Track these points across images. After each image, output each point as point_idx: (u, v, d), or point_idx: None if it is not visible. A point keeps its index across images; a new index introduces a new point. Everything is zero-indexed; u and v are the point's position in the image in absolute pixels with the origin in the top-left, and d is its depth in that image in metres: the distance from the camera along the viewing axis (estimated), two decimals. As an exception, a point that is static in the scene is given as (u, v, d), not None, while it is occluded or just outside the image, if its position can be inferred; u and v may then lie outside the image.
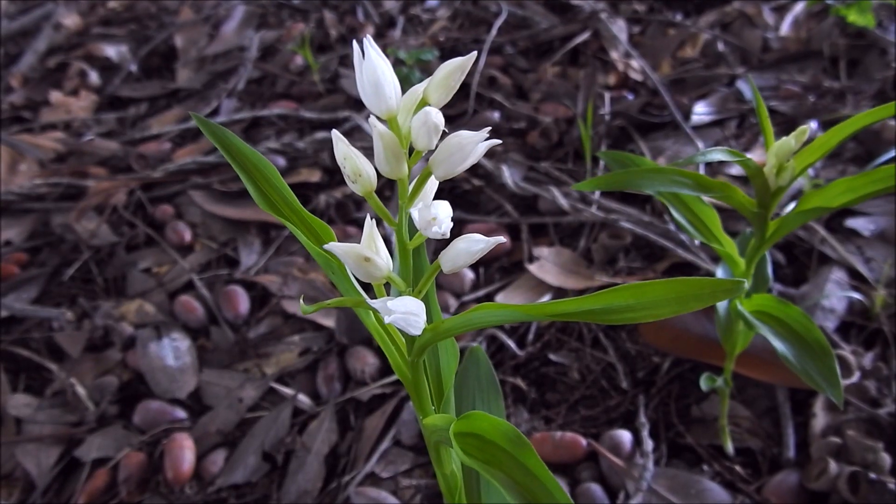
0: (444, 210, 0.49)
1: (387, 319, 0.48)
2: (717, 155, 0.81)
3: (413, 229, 0.52)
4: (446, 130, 0.48)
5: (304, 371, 1.43)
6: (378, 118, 0.48)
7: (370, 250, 0.50)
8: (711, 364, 1.31)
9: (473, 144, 0.48)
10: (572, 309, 0.47)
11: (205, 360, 1.48)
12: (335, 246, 0.49)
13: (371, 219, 0.53)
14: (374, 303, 0.50)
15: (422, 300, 0.55)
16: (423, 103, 0.49)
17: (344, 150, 0.49)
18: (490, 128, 0.48)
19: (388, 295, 0.56)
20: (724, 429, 1.18)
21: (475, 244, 0.50)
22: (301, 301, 0.50)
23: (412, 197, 0.51)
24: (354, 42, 0.47)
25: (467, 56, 0.48)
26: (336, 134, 0.49)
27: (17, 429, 1.39)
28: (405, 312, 0.48)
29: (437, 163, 0.49)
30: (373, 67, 0.46)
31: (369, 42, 0.46)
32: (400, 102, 0.49)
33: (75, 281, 1.69)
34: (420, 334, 0.51)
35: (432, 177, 0.51)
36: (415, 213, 0.49)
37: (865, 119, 0.85)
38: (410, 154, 0.51)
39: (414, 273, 0.64)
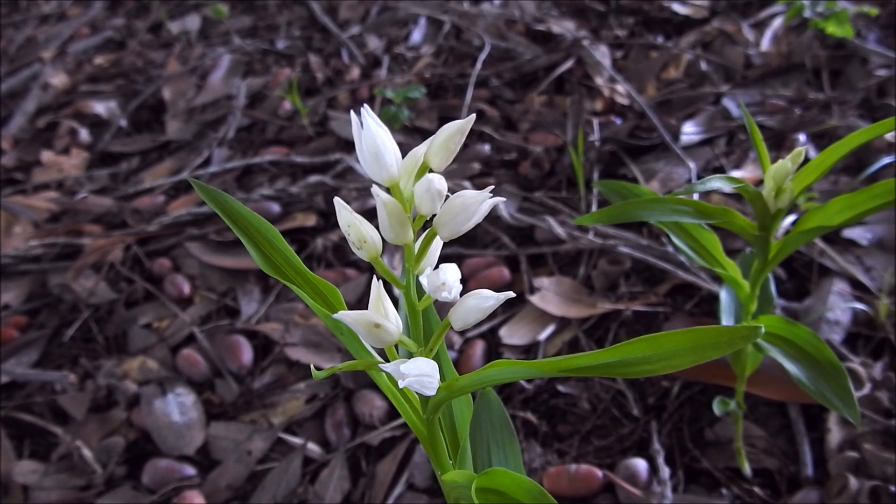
0: (452, 274, 0.49)
1: (401, 384, 0.47)
2: (716, 183, 0.81)
3: (420, 290, 0.51)
4: (449, 194, 0.48)
5: (311, 419, 1.42)
6: (380, 186, 0.48)
7: (379, 315, 0.50)
8: (721, 385, 1.30)
9: (477, 204, 0.48)
10: (588, 363, 0.47)
11: (211, 414, 1.47)
12: (345, 315, 0.49)
13: (378, 281, 0.53)
14: (387, 367, 0.49)
15: (433, 358, 0.54)
16: (425, 167, 0.49)
17: (348, 217, 0.49)
18: (492, 185, 0.48)
19: (398, 352, 0.56)
20: (739, 451, 1.17)
21: (485, 301, 0.50)
22: (312, 367, 0.49)
23: (418, 259, 0.51)
24: (352, 112, 0.47)
25: (466, 119, 0.48)
26: (339, 202, 0.49)
27: (24, 497, 1.37)
28: (419, 375, 0.48)
29: (442, 224, 0.49)
30: (372, 137, 0.46)
31: (367, 112, 0.47)
32: (401, 168, 0.49)
33: (76, 341, 1.68)
34: (434, 394, 0.50)
35: (437, 237, 0.51)
36: (423, 279, 0.48)
37: (861, 137, 0.86)
38: (414, 217, 0.50)
39: (423, 329, 0.64)
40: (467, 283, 1.57)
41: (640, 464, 1.20)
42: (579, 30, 2.29)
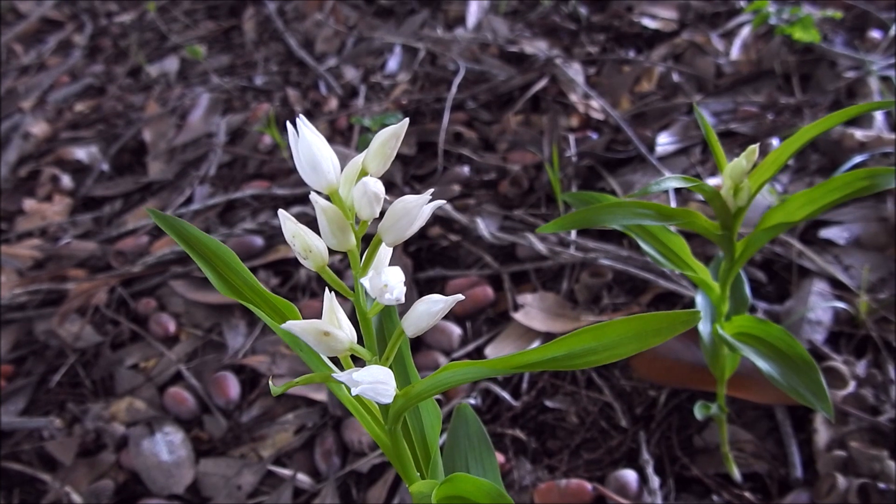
0: (394, 276, 0.49)
1: (354, 391, 0.47)
2: (672, 183, 0.82)
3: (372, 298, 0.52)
4: (388, 199, 0.48)
5: (301, 449, 1.41)
6: (319, 193, 0.49)
7: (331, 324, 0.50)
8: (708, 391, 1.30)
9: (418, 207, 0.48)
10: (535, 359, 0.47)
11: (200, 451, 1.46)
12: (293, 324, 0.49)
13: (330, 292, 0.53)
14: (340, 376, 0.49)
15: (395, 365, 0.54)
16: (363, 174, 0.50)
17: (292, 227, 0.49)
18: (433, 189, 0.49)
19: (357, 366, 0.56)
20: (727, 456, 1.16)
21: (434, 305, 0.51)
22: (270, 382, 0.49)
23: (365, 266, 0.51)
24: (288, 123, 0.48)
25: (399, 123, 0.49)
26: (283, 213, 0.50)
27: (14, 546, 1.36)
28: (372, 382, 0.48)
29: (386, 229, 0.50)
30: (308, 146, 0.47)
31: (302, 121, 0.47)
32: (340, 176, 0.49)
33: (63, 386, 1.67)
34: (391, 402, 0.50)
35: (383, 244, 0.52)
36: (366, 282, 0.49)
37: (814, 130, 0.86)
38: (358, 224, 0.51)
39: (387, 337, 0.64)
40: (451, 305, 1.57)
41: (630, 475, 1.20)
42: (552, 49, 2.32)
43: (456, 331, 1.53)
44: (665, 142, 1.85)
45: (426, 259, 1.74)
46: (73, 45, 3.16)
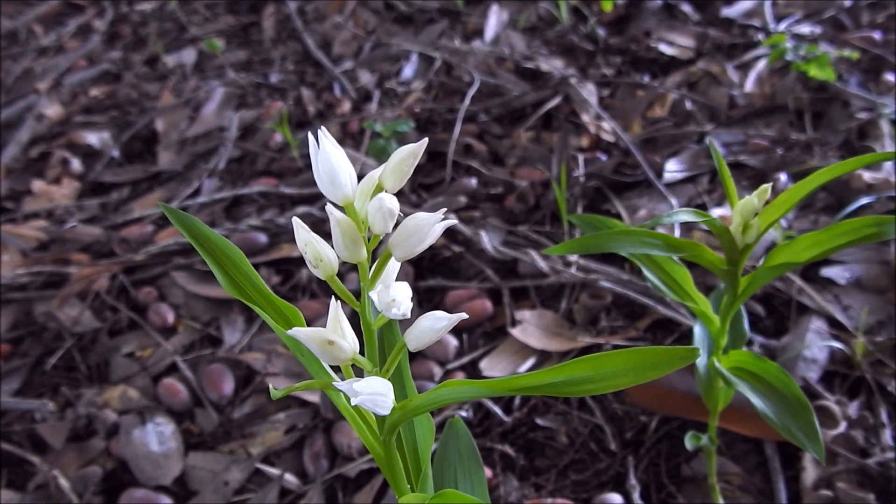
0: (402, 292, 0.50)
1: (353, 401, 0.48)
2: (683, 216, 0.83)
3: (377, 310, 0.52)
4: (402, 214, 0.49)
5: (290, 449, 1.42)
6: (335, 205, 0.49)
7: (335, 333, 0.51)
8: (699, 421, 1.30)
9: (430, 226, 0.49)
10: (534, 383, 0.48)
11: (190, 444, 1.46)
12: (298, 331, 0.50)
13: (336, 301, 0.54)
14: (341, 385, 0.50)
15: (393, 377, 0.55)
16: (379, 188, 0.51)
17: (305, 236, 0.50)
18: (444, 209, 0.50)
19: (356, 375, 0.57)
20: (714, 487, 1.17)
21: (438, 322, 0.51)
22: (270, 387, 0.50)
23: (373, 279, 0.52)
24: (310, 134, 0.49)
25: (419, 143, 0.50)
26: (297, 221, 0.50)
27: (-2, 526, 1.36)
28: (372, 393, 0.49)
29: (396, 245, 0.50)
30: (327, 158, 0.48)
31: (324, 133, 0.48)
32: (356, 189, 0.50)
33: (58, 370, 1.67)
34: (389, 414, 0.51)
35: (392, 258, 0.52)
36: (374, 295, 0.50)
37: (827, 175, 0.87)
38: (370, 237, 0.52)
39: (386, 349, 0.65)
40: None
41: (616, 499, 1.20)
42: (567, 68, 2.33)
43: (452, 342, 1.54)
44: (673, 169, 1.86)
45: (427, 268, 1.75)
46: (92, 30, 3.18)
